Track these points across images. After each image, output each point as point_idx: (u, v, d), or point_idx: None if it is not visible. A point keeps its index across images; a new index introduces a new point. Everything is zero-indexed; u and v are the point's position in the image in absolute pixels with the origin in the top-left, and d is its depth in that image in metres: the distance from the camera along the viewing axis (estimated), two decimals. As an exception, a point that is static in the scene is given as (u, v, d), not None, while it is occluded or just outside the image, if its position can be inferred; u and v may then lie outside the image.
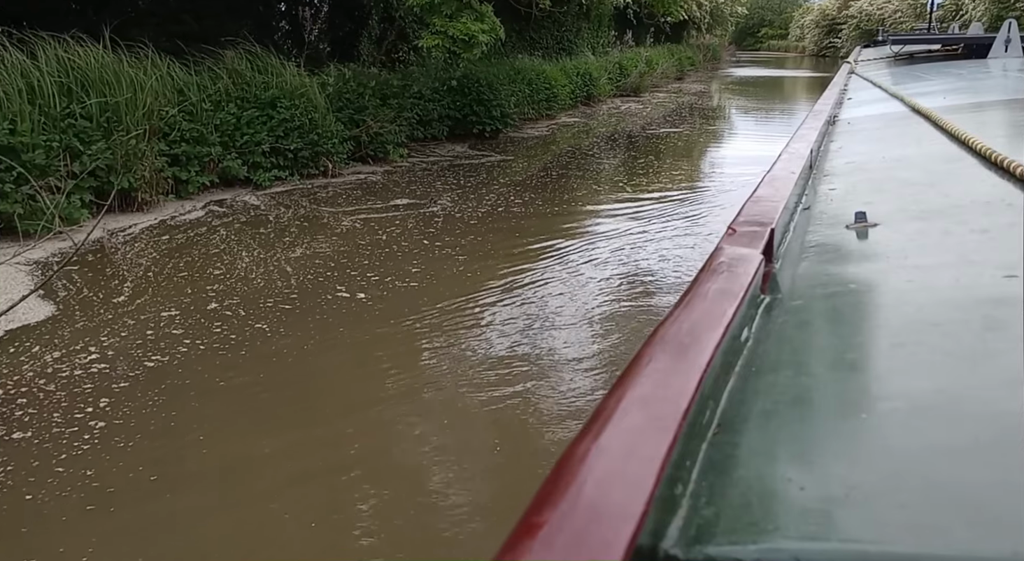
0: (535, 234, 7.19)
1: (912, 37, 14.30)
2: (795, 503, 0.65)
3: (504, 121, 14.92)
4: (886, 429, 0.80)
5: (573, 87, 20.64)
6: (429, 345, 4.73)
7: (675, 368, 0.81)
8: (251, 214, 7.89)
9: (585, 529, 0.54)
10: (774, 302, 1.24)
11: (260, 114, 9.96)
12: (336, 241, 6.89)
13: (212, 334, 4.72)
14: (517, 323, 5.04)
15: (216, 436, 3.63)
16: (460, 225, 7.66)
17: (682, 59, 34.18)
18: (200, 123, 9.12)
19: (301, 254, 6.42)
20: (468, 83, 14.53)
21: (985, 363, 0.92)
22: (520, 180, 10.31)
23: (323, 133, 10.47)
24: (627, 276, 6.12)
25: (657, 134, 15.83)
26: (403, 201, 8.73)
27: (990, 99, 4.68)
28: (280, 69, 10.52)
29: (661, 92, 26.98)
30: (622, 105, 22.33)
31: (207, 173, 9.22)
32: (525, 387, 4.13)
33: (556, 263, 6.33)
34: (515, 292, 5.62)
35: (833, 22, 45.92)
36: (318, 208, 8.19)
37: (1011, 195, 1.78)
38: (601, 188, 9.84)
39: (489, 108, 14.63)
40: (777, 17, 67.67)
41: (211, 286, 5.58)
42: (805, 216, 1.91)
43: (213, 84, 9.72)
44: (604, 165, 11.86)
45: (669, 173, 11.20)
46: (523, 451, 3.67)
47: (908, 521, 0.60)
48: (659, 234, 7.33)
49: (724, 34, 50.46)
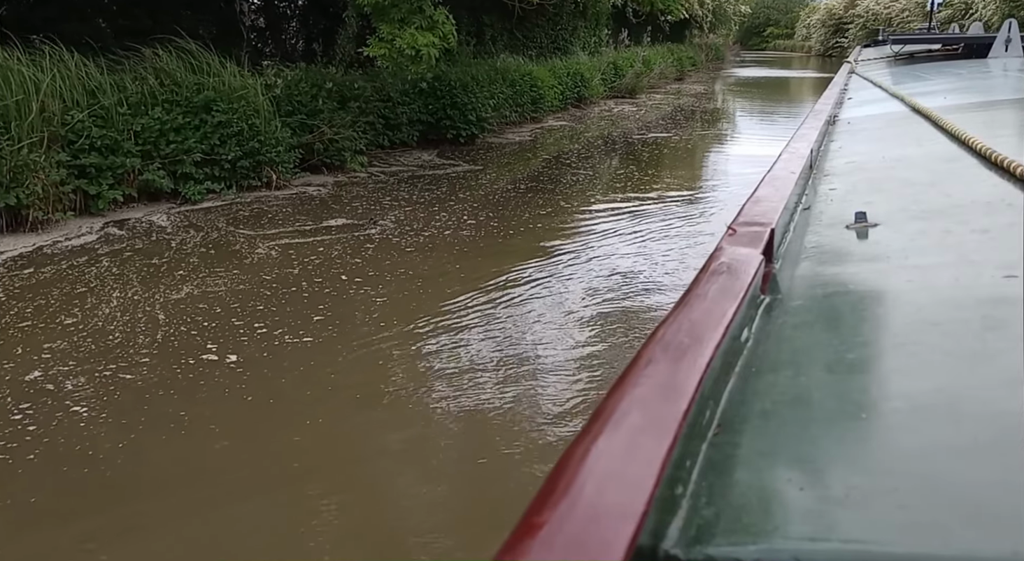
0: (479, 271, 6.01)
1: (912, 37, 13.93)
2: (795, 503, 0.65)
3: (480, 126, 13.77)
4: (886, 429, 0.80)
5: (563, 88, 19.47)
6: (290, 461, 3.53)
7: (675, 368, 0.80)
8: (151, 239, 6.76)
9: (585, 529, 0.54)
10: (774, 302, 1.24)
11: (192, 119, 8.84)
12: (236, 276, 5.75)
13: (10, 423, 3.58)
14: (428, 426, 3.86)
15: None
16: (394, 254, 6.52)
17: (682, 59, 32.90)
18: (115, 129, 8.01)
19: (186, 295, 5.28)
20: (441, 85, 13.38)
21: (985, 363, 0.92)
22: (482, 195, 9.15)
23: (266, 140, 9.35)
24: (579, 361, 4.46)
25: (645, 140, 14.63)
26: (339, 221, 7.58)
27: (990, 99, 4.56)
28: (219, 69, 9.39)
29: (659, 93, 25.75)
30: (615, 107, 21.14)
31: (124, 186, 8.12)
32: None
33: (497, 319, 5.08)
34: (439, 361, 4.46)
35: (840, 22, 44.72)
36: (235, 231, 7.05)
37: (1011, 195, 1.77)
38: (570, 206, 8.66)
39: (464, 112, 13.48)
40: (783, 16, 67.09)
41: (51, 343, 4.46)
42: (805, 216, 1.90)
43: (137, 85, 8.60)
44: (579, 177, 10.68)
45: (650, 186, 10.03)
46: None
47: (908, 521, 0.61)
48: (632, 278, 6.07)
49: (728, 34, 49.21)
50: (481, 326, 4.90)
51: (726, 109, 23.12)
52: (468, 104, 13.56)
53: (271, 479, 3.31)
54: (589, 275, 5.97)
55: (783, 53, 60.95)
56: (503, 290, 5.51)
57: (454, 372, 4.29)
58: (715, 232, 7.06)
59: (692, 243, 6.83)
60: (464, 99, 13.59)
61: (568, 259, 6.39)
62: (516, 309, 5.17)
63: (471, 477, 3.44)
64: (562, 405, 3.90)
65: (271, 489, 3.25)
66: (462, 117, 13.48)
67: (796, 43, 60.61)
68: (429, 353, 4.52)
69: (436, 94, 13.31)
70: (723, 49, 45.48)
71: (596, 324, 5.04)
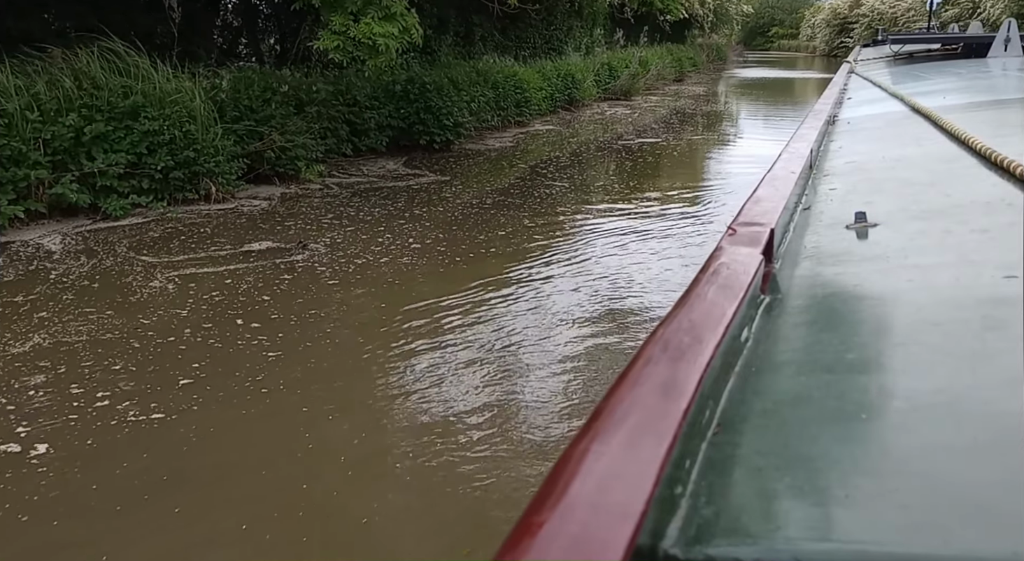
0: (406, 319, 4.96)
1: (912, 36, 13.73)
2: (795, 503, 0.64)
3: (456, 131, 12.76)
4: (886, 429, 0.79)
5: (552, 90, 18.44)
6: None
7: (675, 368, 0.79)
8: (28, 268, 5.76)
9: (585, 529, 0.53)
10: (774, 302, 1.22)
11: (116, 126, 7.86)
12: (108, 321, 4.74)
13: None
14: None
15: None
16: (312, 289, 5.51)
17: (682, 59, 31.81)
18: (18, 138, 7.03)
19: (31, 348, 4.28)
20: (414, 88, 12.37)
21: (985, 363, 0.90)
22: (440, 212, 8.14)
23: (203, 149, 8.36)
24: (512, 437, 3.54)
25: (633, 147, 13.58)
26: (263, 244, 6.58)
27: (990, 98, 4.50)
28: (149, 71, 8.40)
29: (655, 95, 24.69)
30: (608, 110, 20.09)
31: (30, 201, 7.15)
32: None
33: (411, 395, 3.97)
34: (320, 460, 3.44)
35: (844, 21, 43.54)
36: (135, 257, 6.05)
37: (1011, 195, 1.74)
38: (534, 225, 7.61)
39: (439, 117, 12.47)
40: (788, 16, 66.12)
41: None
42: (805, 216, 1.87)
43: (49, 90, 7.62)
44: (553, 190, 9.64)
45: (630, 198, 9.00)
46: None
47: (908, 521, 0.60)
48: (599, 327, 5.02)
49: (731, 34, 48.05)
50: (391, 409, 3.87)
51: (725, 112, 22.00)
52: (443, 108, 12.55)
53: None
54: (534, 334, 4.87)
55: (788, 53, 59.82)
56: (429, 352, 4.46)
57: (337, 479, 3.27)
58: (696, 257, 6.04)
59: (672, 298, 5.79)
60: (439, 103, 12.58)
61: (517, 304, 5.34)
62: (436, 388, 4.08)
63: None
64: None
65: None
66: (436, 122, 12.47)
67: (801, 43, 59.57)
68: (314, 448, 3.49)
69: (409, 97, 12.31)
70: (726, 49, 44.28)
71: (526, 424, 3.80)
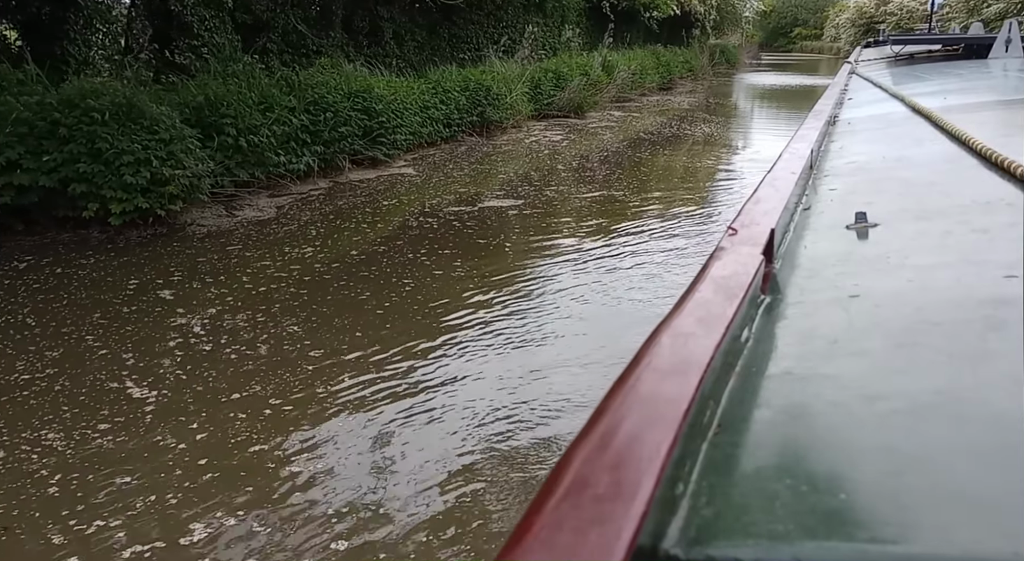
0: None
1: (912, 37, 13.14)
2: (795, 503, 0.62)
3: (159, 194, 7.01)
4: (886, 429, 0.75)
5: (449, 110, 12.57)
6: None
7: (675, 368, 0.77)
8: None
9: (585, 529, 0.52)
10: (774, 302, 1.18)
11: None
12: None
13: None
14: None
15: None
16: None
17: (670, 63, 25.50)
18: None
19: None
20: (72, 115, 6.68)
21: (986, 363, 0.87)
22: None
23: None
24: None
25: (464, 217, 7.64)
26: None
27: (990, 99, 4.27)
28: None
29: (621, 109, 18.65)
30: (538, 135, 14.15)
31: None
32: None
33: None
34: None
35: (871, 20, 36.80)
36: None
37: (1011, 195, 1.68)
38: None
39: (118, 169, 6.74)
40: (812, 16, 59.70)
41: None
42: (805, 216, 1.80)
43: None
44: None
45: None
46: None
47: (908, 521, 0.58)
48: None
49: (744, 34, 41.44)
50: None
51: (704, 137, 15.63)
52: (139, 149, 6.81)
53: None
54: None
55: (810, 55, 53.14)
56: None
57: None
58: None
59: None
60: (127, 141, 6.83)
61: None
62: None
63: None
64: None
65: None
66: (115, 179, 6.72)
67: (824, 45, 52.99)
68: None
69: (60, 136, 6.60)
70: (737, 51, 37.72)
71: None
